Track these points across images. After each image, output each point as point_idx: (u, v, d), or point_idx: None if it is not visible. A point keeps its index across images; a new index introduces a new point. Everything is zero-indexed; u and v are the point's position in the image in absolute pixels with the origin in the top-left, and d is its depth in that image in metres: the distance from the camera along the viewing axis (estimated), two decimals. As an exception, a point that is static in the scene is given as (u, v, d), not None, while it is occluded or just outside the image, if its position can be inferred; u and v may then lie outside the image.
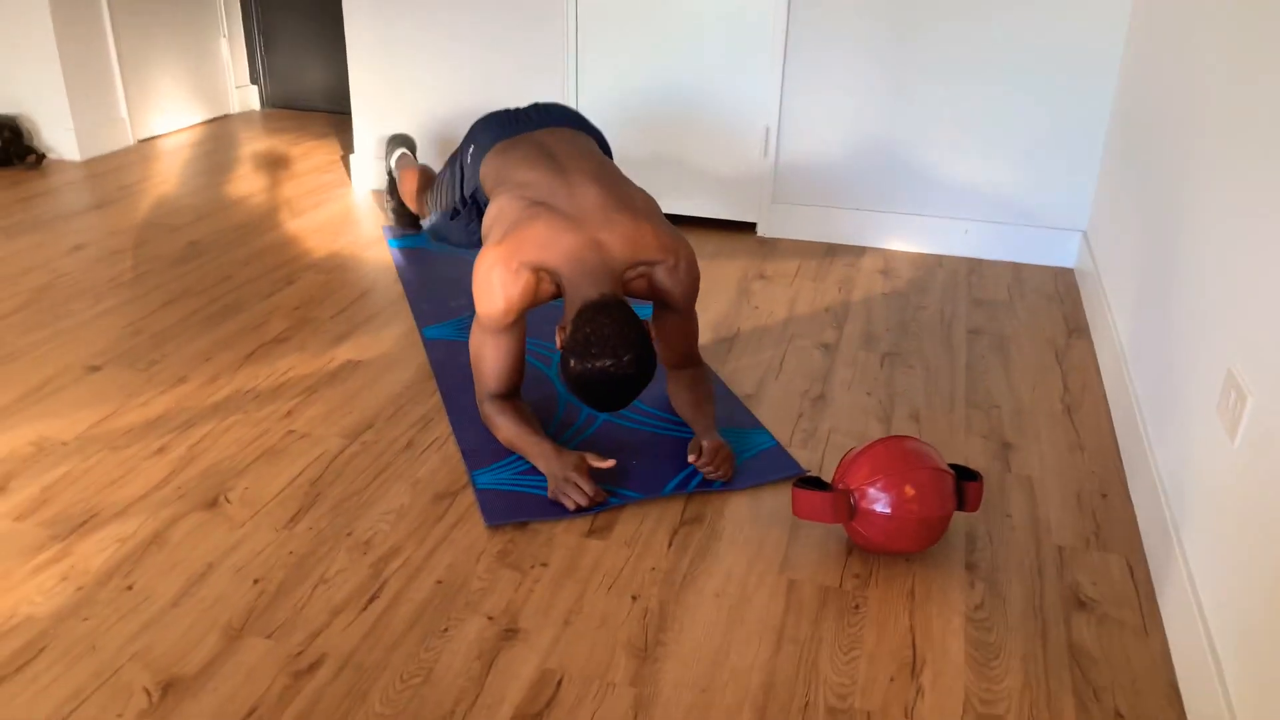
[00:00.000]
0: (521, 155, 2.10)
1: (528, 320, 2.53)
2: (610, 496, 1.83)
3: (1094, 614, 1.59)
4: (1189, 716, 1.38)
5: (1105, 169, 2.84)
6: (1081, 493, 1.91)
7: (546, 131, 2.20)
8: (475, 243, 2.37)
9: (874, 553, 1.70)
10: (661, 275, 1.95)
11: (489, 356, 1.95)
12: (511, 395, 2.00)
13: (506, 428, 1.93)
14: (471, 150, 2.26)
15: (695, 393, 2.05)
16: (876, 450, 1.67)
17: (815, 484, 1.71)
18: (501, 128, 2.23)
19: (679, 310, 2.02)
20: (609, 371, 1.73)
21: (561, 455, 1.84)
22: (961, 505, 1.69)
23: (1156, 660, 1.49)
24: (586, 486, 1.79)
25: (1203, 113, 1.87)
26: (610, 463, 1.80)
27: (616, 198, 1.96)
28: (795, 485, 1.69)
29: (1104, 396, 2.28)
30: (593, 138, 2.30)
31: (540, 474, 1.89)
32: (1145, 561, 1.71)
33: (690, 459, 1.87)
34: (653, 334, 1.83)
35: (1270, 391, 1.30)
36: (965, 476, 1.71)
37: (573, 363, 1.75)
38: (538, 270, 1.88)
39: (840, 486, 1.68)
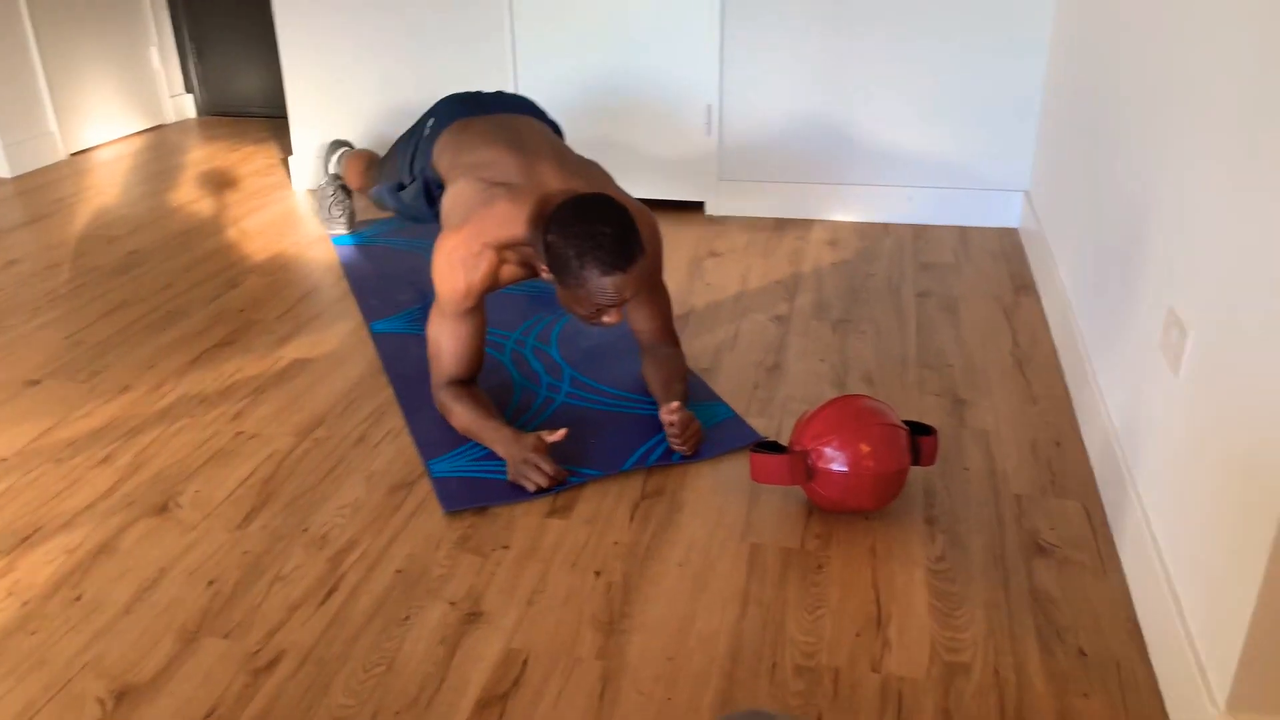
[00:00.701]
0: (479, 132, 2.09)
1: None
2: (570, 475, 1.81)
3: (1054, 558, 1.60)
4: (1150, 650, 1.40)
5: (1044, 128, 2.87)
6: (1036, 442, 1.92)
7: (505, 115, 2.19)
8: (417, 214, 2.35)
9: (834, 512, 1.71)
10: None
11: (448, 342, 1.92)
12: (469, 383, 1.97)
13: (463, 414, 1.91)
14: (431, 123, 2.24)
15: (668, 370, 2.02)
16: (830, 410, 1.67)
17: (772, 448, 1.71)
18: (464, 106, 2.23)
19: (647, 281, 2.00)
20: (604, 212, 1.71)
21: (519, 438, 1.82)
22: (917, 460, 1.70)
23: (1116, 598, 1.51)
24: (546, 466, 1.77)
25: (1134, 65, 1.89)
26: (562, 433, 1.78)
27: (573, 169, 1.97)
28: (752, 450, 1.69)
29: (1053, 348, 2.30)
30: (551, 129, 2.29)
31: (498, 458, 1.87)
32: (1101, 504, 1.73)
33: (664, 414, 1.84)
34: (625, 315, 1.82)
35: (1210, 323, 1.32)
36: (919, 431, 1.72)
37: (568, 241, 1.71)
38: (501, 249, 1.86)
39: (797, 448, 1.68)
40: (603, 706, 1.33)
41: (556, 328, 2.43)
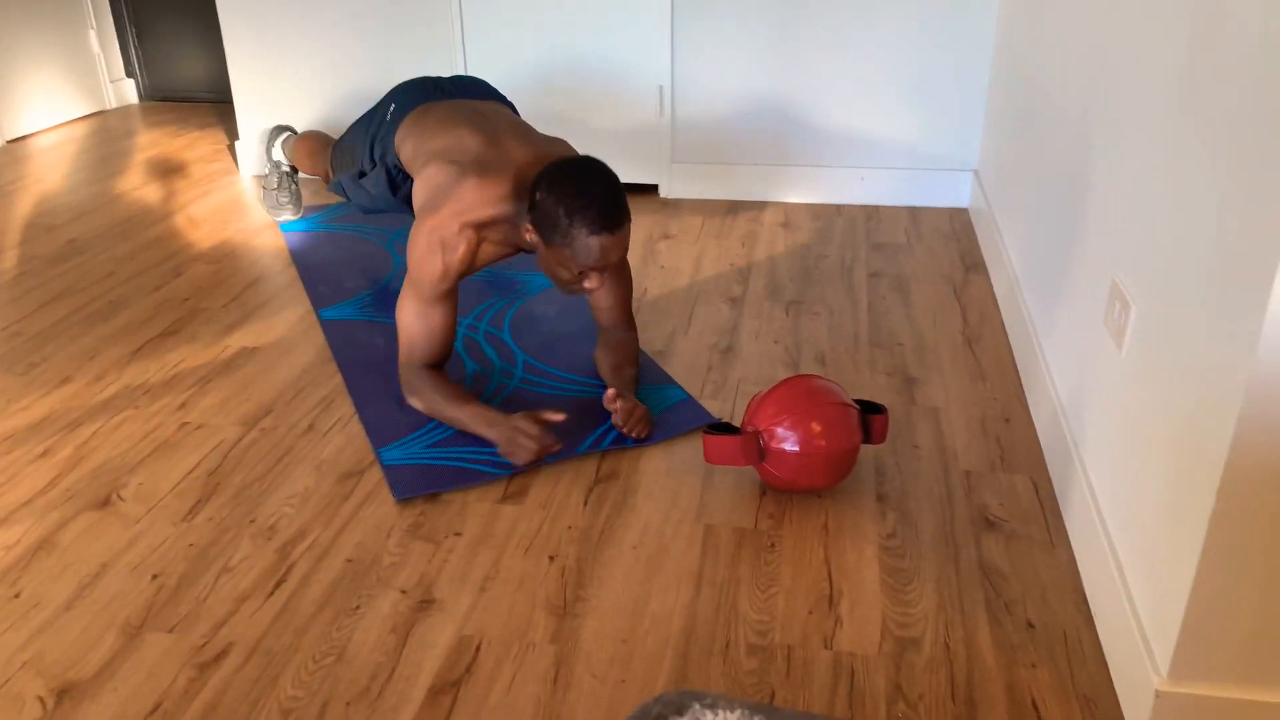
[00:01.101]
0: (441, 117, 2.06)
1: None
2: (561, 446, 1.80)
3: (1002, 533, 1.62)
4: (1096, 620, 1.42)
5: (992, 108, 2.90)
6: (985, 419, 1.94)
7: (465, 100, 2.16)
8: (380, 202, 2.31)
9: (787, 491, 1.71)
10: None
11: (422, 325, 1.89)
12: (432, 369, 1.94)
13: (435, 397, 1.88)
14: (392, 108, 2.20)
15: (619, 355, 2.02)
16: (781, 391, 1.68)
17: (725, 429, 1.71)
18: (423, 92, 2.20)
19: (618, 262, 1.98)
20: (596, 174, 1.72)
21: (510, 418, 1.80)
22: (868, 438, 1.70)
23: (1064, 571, 1.53)
24: (539, 433, 1.75)
25: (1074, 43, 1.91)
26: (561, 416, 1.77)
27: (540, 144, 1.96)
28: (705, 432, 1.69)
29: (1002, 326, 2.33)
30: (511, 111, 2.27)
31: (451, 444, 1.85)
32: (1049, 479, 1.75)
33: (606, 403, 1.84)
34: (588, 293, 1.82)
35: (1151, 299, 1.33)
36: (870, 410, 1.73)
37: (559, 199, 1.70)
38: (480, 229, 1.84)
39: (749, 429, 1.68)
40: (556, 690, 1.32)
41: (509, 313, 2.41)
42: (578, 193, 1.70)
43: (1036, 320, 2.04)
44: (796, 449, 1.63)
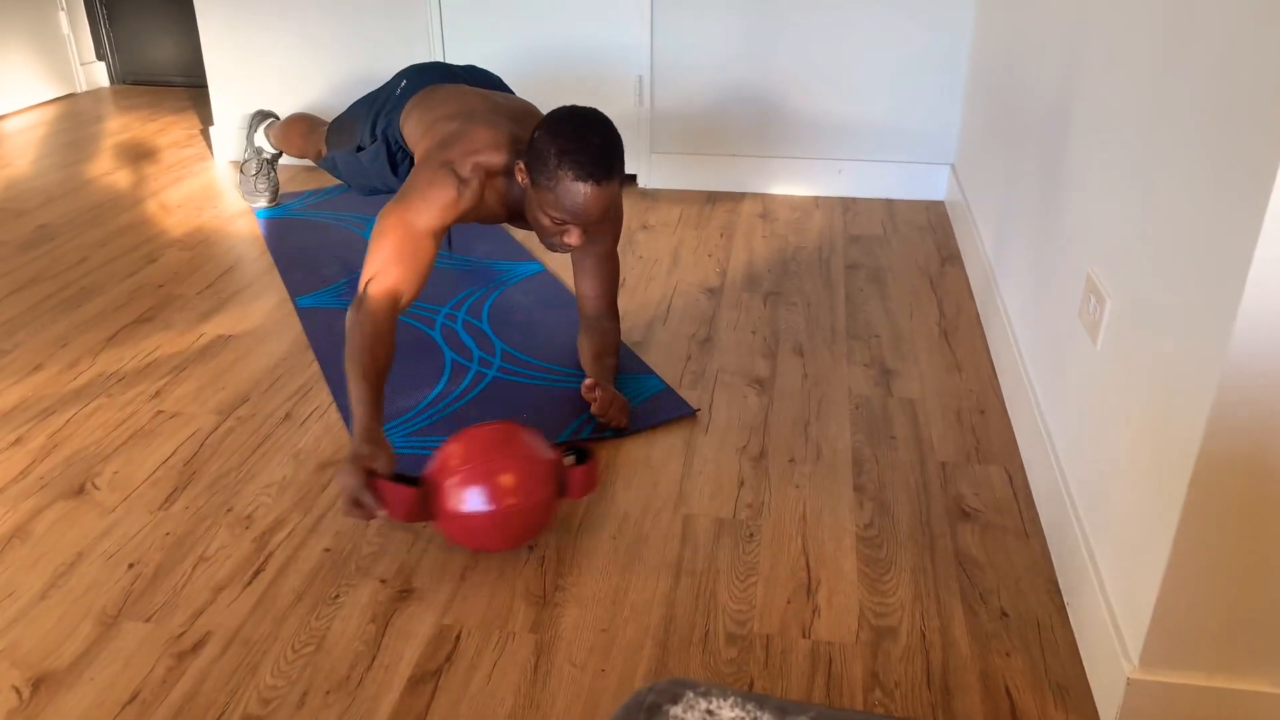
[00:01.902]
0: (449, 92, 2.04)
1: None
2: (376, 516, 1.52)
3: (978, 523, 1.64)
4: (1068, 608, 1.44)
5: (969, 102, 2.92)
6: (961, 410, 1.96)
7: (490, 91, 2.14)
8: (375, 178, 2.27)
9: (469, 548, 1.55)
10: None
11: (408, 251, 1.72)
12: (394, 314, 1.71)
13: (353, 361, 1.62)
14: (404, 85, 2.18)
15: (600, 344, 2.00)
16: (456, 444, 1.50)
17: (408, 480, 1.50)
18: (437, 74, 2.18)
19: (602, 245, 1.97)
20: (597, 125, 1.69)
21: (358, 457, 1.49)
22: (564, 492, 1.53)
23: (1037, 560, 1.55)
24: (362, 501, 1.47)
25: (1050, 35, 1.93)
26: (378, 515, 1.50)
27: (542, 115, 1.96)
28: (377, 478, 1.47)
29: (977, 318, 2.35)
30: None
31: (430, 434, 1.85)
32: (1023, 469, 1.78)
33: (584, 392, 1.83)
34: (574, 280, 1.80)
35: (1126, 293, 1.35)
36: (582, 458, 1.56)
37: (554, 138, 1.67)
38: (488, 174, 1.81)
39: (427, 478, 1.49)
40: (536, 679, 1.33)
41: (488, 302, 2.40)
42: (573, 135, 1.67)
43: (1012, 313, 2.06)
44: (470, 508, 1.45)
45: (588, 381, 1.83)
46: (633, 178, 3.32)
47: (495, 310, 2.36)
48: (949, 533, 1.61)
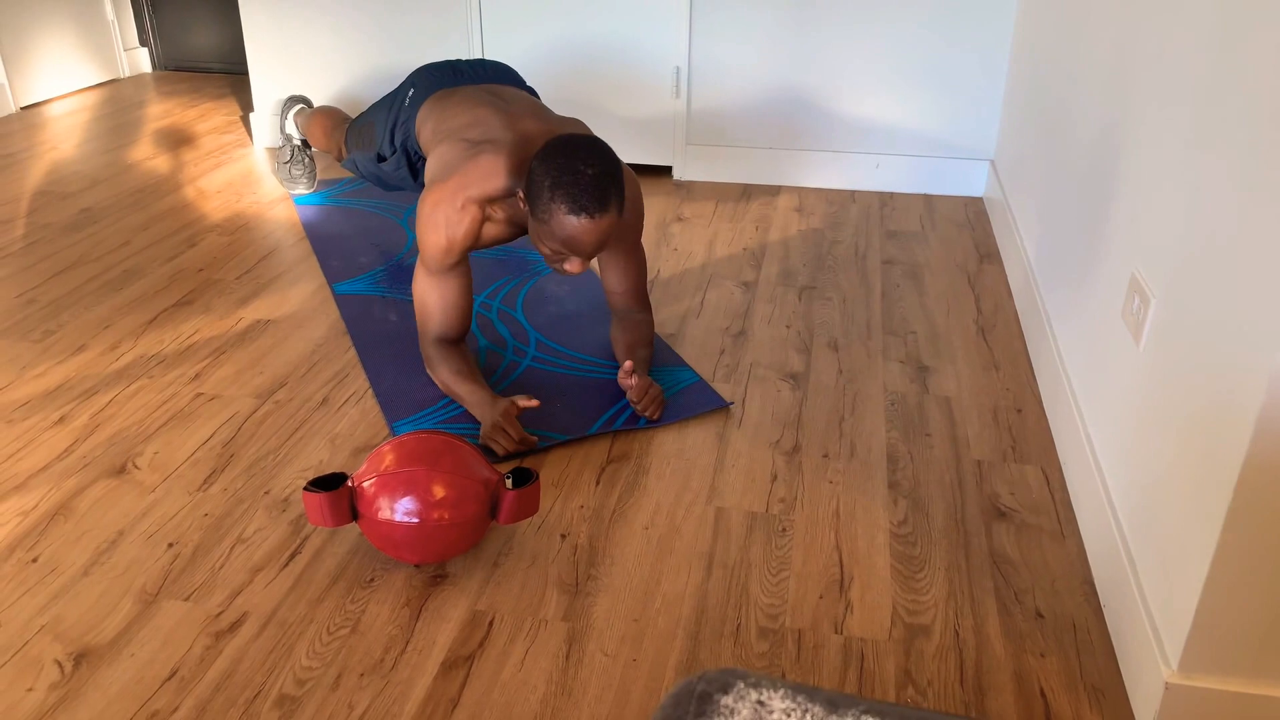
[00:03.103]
0: (460, 99, 2.05)
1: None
2: (540, 442, 1.80)
3: (1013, 522, 1.62)
4: (1105, 611, 1.43)
5: (1010, 97, 2.88)
6: (998, 409, 1.95)
7: (496, 86, 2.15)
8: (398, 184, 2.31)
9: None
10: None
11: (434, 298, 1.90)
12: (456, 341, 1.95)
13: (444, 371, 1.90)
14: (411, 94, 2.20)
15: (634, 335, 2.01)
16: (382, 451, 1.48)
17: (330, 483, 1.47)
18: (444, 76, 2.19)
19: (625, 240, 1.98)
20: (593, 155, 1.67)
21: (494, 401, 1.81)
22: (496, 515, 1.49)
23: (1073, 561, 1.54)
24: (514, 431, 1.76)
25: (1097, 31, 1.90)
26: (534, 402, 1.77)
27: (557, 124, 1.95)
28: (304, 489, 1.46)
29: (1015, 316, 2.33)
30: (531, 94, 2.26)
31: (464, 421, 1.86)
32: (1060, 469, 1.76)
33: (621, 378, 1.83)
34: (599, 274, 1.81)
35: (1172, 293, 1.33)
36: (521, 480, 1.50)
37: (548, 169, 1.66)
38: (484, 204, 1.84)
39: (353, 483, 1.47)
40: (568, 667, 1.33)
41: (523, 291, 2.41)
42: (567, 169, 1.65)
43: (1051, 311, 2.03)
44: (389, 516, 1.43)
45: (627, 364, 1.83)
46: (668, 170, 3.32)
47: (530, 299, 2.37)
48: (984, 531, 1.60)
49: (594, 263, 2.56)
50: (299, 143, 2.99)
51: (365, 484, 1.45)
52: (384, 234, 2.74)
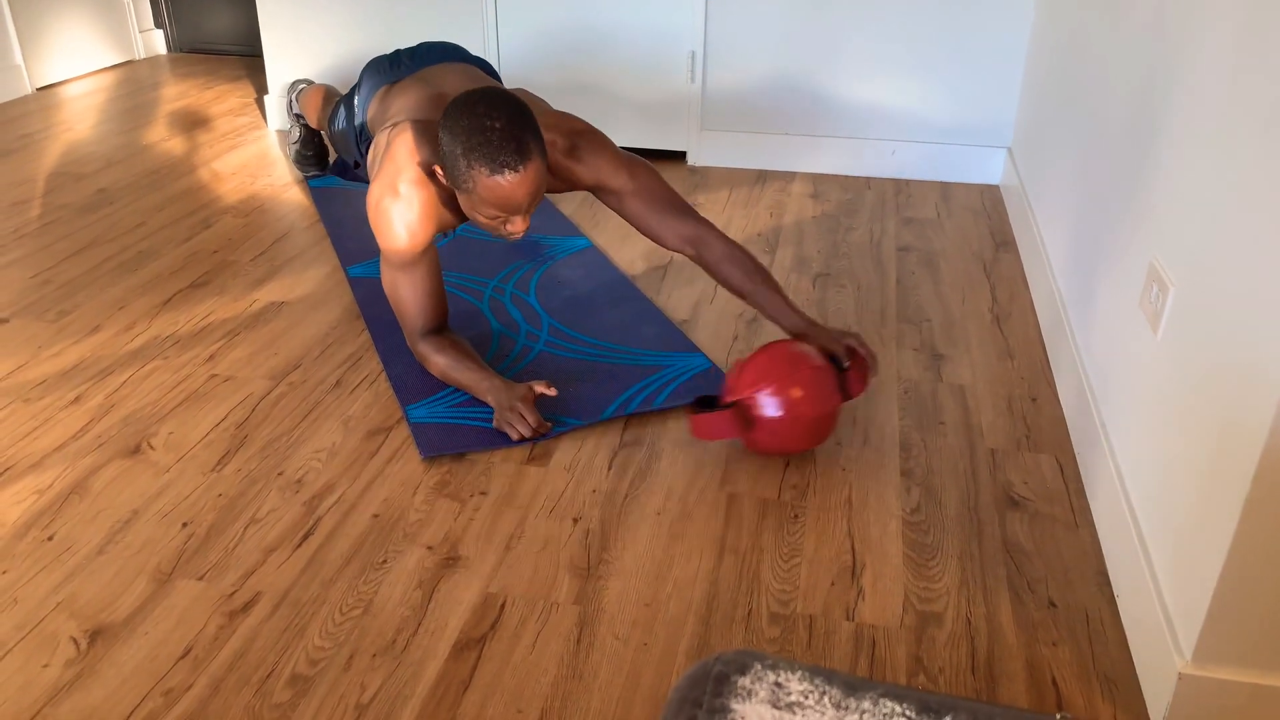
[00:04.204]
0: (399, 91, 1.99)
1: (447, 255, 2.48)
2: (555, 426, 1.80)
3: (1027, 511, 1.62)
4: (1119, 601, 1.42)
5: (1028, 85, 2.86)
6: (1012, 398, 1.94)
7: (430, 69, 2.07)
8: (348, 154, 2.31)
9: (767, 454, 1.74)
10: (561, 158, 1.82)
11: (406, 292, 1.85)
12: (440, 330, 1.93)
13: (444, 364, 1.87)
14: (356, 102, 2.20)
15: (732, 261, 1.81)
16: (760, 359, 1.70)
17: (707, 404, 1.74)
18: (384, 74, 2.12)
19: (618, 175, 1.84)
20: (493, 105, 1.57)
21: (509, 386, 1.80)
22: (846, 394, 1.73)
23: (1087, 551, 1.53)
24: (530, 417, 1.76)
25: (1118, 17, 1.88)
26: (553, 391, 1.77)
27: (481, 83, 1.91)
28: (690, 411, 1.70)
29: (1031, 305, 2.31)
30: (479, 68, 2.16)
31: (478, 404, 1.86)
32: (1075, 459, 1.75)
33: (846, 353, 1.73)
34: (634, 224, 1.83)
35: (1191, 282, 1.32)
36: (843, 368, 1.74)
37: (455, 138, 1.59)
38: (426, 177, 1.75)
39: (732, 399, 1.69)
40: (579, 650, 1.34)
41: (535, 276, 2.41)
42: (472, 129, 1.56)
43: (1067, 300, 2.02)
44: (780, 414, 1.65)
45: (845, 342, 1.74)
46: (682, 155, 3.30)
47: (542, 284, 2.36)
48: (997, 520, 1.60)
49: (615, 240, 2.55)
50: (307, 123, 2.98)
51: (757, 395, 1.65)
52: (398, 217, 2.74)
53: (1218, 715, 1.18)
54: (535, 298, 2.30)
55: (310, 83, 2.96)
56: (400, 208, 1.77)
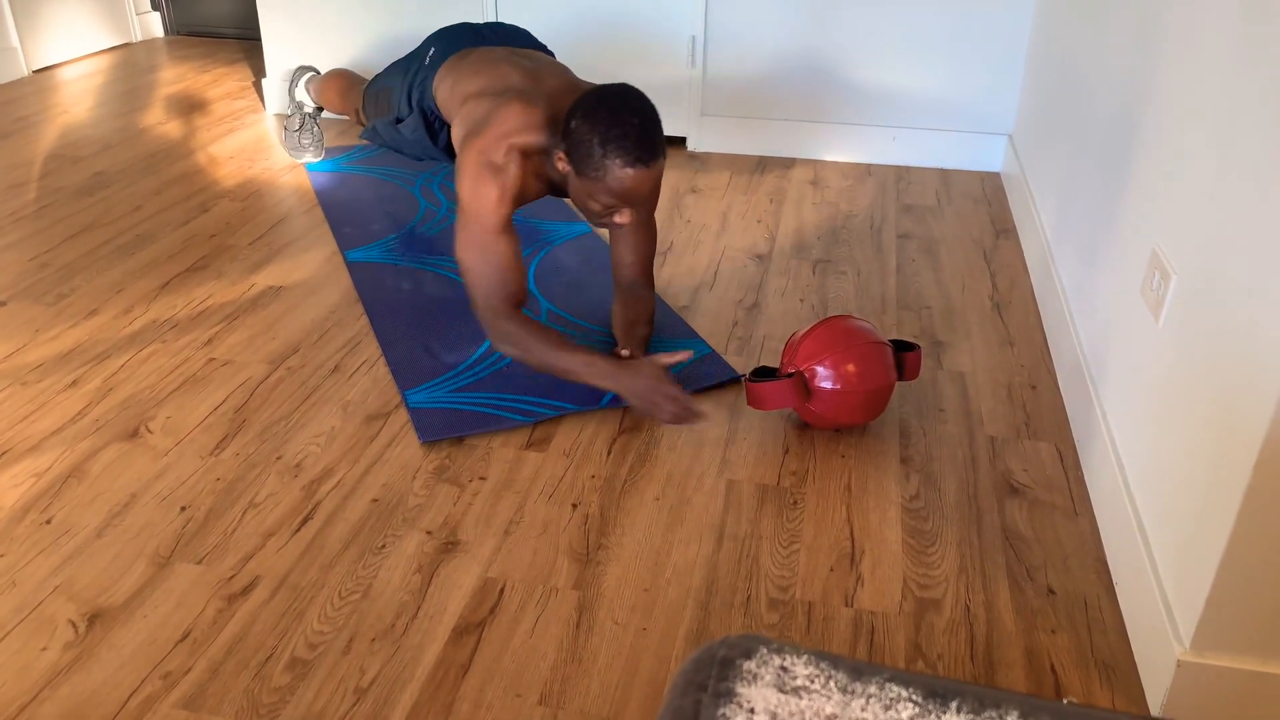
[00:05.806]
0: (480, 60, 2.02)
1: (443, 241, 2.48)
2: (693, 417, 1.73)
3: (1026, 499, 1.62)
4: (1117, 588, 1.42)
5: (1029, 72, 2.84)
6: (1012, 385, 1.93)
7: (517, 50, 2.11)
8: (420, 150, 2.28)
9: (824, 428, 1.77)
10: None
11: (495, 260, 1.78)
12: (519, 313, 1.81)
13: (532, 344, 1.75)
14: (432, 53, 2.17)
15: (634, 312, 1.96)
16: (819, 331, 1.73)
17: (765, 374, 1.77)
18: (464, 38, 2.16)
19: (641, 211, 1.94)
20: (633, 103, 1.66)
21: (635, 365, 1.71)
22: (901, 375, 1.76)
23: (1086, 538, 1.53)
24: (680, 395, 1.68)
25: (1121, 9, 1.87)
26: (685, 354, 1.75)
27: (577, 81, 1.94)
28: (748, 380, 1.73)
29: (1031, 293, 2.31)
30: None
31: (475, 390, 1.86)
32: (1074, 447, 1.75)
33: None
34: (611, 243, 1.84)
35: (1194, 270, 1.32)
36: (903, 348, 1.80)
37: (594, 127, 1.65)
38: (524, 154, 1.80)
39: (790, 370, 1.73)
40: (579, 635, 1.34)
41: (534, 261, 2.40)
42: (613, 122, 1.64)
43: (1068, 287, 2.02)
44: (836, 386, 1.69)
45: (622, 351, 1.82)
46: (682, 141, 3.29)
47: (542, 270, 2.36)
48: (996, 507, 1.60)
49: (604, 233, 2.55)
50: (310, 111, 2.97)
51: (815, 367, 1.69)
52: (397, 202, 2.73)
53: (1216, 703, 1.18)
54: (534, 284, 2.29)
55: (316, 71, 2.94)
56: (499, 169, 1.78)
